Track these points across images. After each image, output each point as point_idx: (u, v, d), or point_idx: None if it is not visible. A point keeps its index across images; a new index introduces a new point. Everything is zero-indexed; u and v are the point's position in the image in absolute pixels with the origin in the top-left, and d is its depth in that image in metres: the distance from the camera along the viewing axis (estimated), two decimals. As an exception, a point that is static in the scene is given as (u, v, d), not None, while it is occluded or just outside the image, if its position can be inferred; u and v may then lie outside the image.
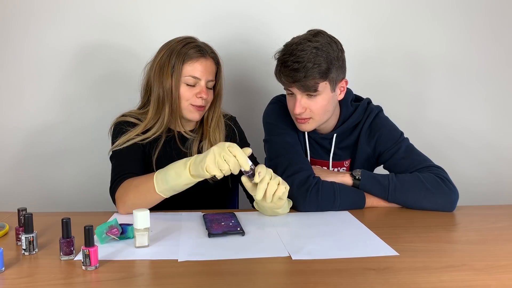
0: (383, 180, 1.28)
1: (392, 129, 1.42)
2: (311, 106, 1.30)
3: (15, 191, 1.96)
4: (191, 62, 1.34)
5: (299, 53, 1.24)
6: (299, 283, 0.82)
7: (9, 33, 1.87)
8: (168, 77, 1.34)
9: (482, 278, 0.84)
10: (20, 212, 1.03)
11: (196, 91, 1.35)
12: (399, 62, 2.01)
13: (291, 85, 1.29)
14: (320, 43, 1.26)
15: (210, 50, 1.39)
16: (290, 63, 1.25)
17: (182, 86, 1.35)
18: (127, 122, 1.39)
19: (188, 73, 1.34)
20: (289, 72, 1.25)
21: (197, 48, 1.35)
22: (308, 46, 1.25)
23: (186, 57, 1.34)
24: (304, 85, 1.26)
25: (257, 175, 1.07)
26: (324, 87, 1.28)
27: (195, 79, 1.35)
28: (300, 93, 1.29)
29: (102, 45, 1.89)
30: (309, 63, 1.23)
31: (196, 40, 1.40)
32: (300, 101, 1.29)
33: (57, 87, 1.91)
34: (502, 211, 1.33)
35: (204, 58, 1.36)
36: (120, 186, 1.23)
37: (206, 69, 1.35)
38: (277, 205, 1.14)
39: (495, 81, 2.05)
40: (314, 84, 1.26)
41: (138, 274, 0.86)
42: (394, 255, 0.94)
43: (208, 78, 1.36)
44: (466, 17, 2.00)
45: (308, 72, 1.23)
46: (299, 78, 1.24)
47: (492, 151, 2.09)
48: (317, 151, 1.46)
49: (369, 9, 1.96)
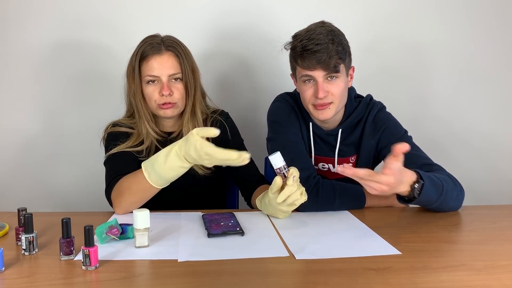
0: (439, 185, 1.16)
1: (397, 125, 1.43)
2: (332, 89, 1.31)
3: (15, 191, 1.96)
4: (145, 61, 1.32)
5: (317, 36, 1.27)
6: (299, 283, 0.82)
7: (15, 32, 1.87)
8: (132, 81, 1.34)
9: (482, 278, 0.84)
10: (20, 212, 1.03)
11: (159, 89, 1.33)
12: (401, 58, 2.01)
13: (315, 67, 1.29)
14: (331, 28, 1.31)
15: (167, 43, 1.34)
16: (311, 46, 1.26)
17: (146, 87, 1.34)
18: (120, 133, 1.37)
19: (146, 73, 1.32)
20: (312, 55, 1.26)
21: (151, 45, 1.32)
22: (323, 30, 1.28)
23: (141, 57, 1.32)
24: (328, 65, 1.27)
25: (291, 178, 1.09)
26: (342, 69, 1.31)
27: (155, 77, 1.32)
28: (322, 77, 1.29)
29: (101, 45, 1.90)
30: (330, 44, 1.26)
31: (154, 37, 1.36)
32: (322, 84, 1.30)
33: (54, 88, 1.92)
34: (502, 211, 1.33)
35: (158, 54, 1.32)
36: (113, 189, 1.23)
37: (163, 65, 1.32)
38: (287, 210, 1.15)
39: (499, 78, 2.04)
40: (336, 64, 1.28)
41: (138, 274, 0.86)
42: (395, 254, 0.94)
43: (169, 73, 1.32)
44: (470, 13, 1.99)
45: (330, 52, 1.26)
46: (323, 58, 1.26)
47: (494, 148, 2.08)
48: (322, 148, 1.46)
49: (372, 4, 1.96)
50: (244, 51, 1.95)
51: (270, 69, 1.95)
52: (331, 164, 1.47)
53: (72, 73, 1.91)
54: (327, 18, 1.36)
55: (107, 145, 1.37)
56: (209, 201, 1.46)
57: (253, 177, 1.41)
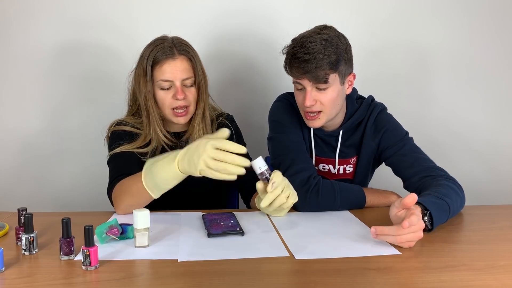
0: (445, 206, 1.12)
1: (398, 127, 1.43)
2: (321, 98, 1.30)
3: (15, 191, 1.96)
4: (159, 66, 1.31)
5: (309, 44, 1.25)
6: (299, 283, 0.82)
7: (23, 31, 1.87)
8: (144, 85, 1.33)
9: (482, 278, 0.84)
10: (20, 212, 1.03)
11: (173, 94, 1.32)
12: (402, 60, 2.01)
13: (301, 77, 1.28)
14: (329, 35, 1.27)
15: (180, 47, 1.34)
16: (300, 55, 1.25)
17: (158, 91, 1.33)
18: (124, 132, 1.37)
19: (159, 78, 1.31)
20: (299, 64, 1.25)
21: (163, 49, 1.31)
22: (317, 38, 1.25)
23: (154, 61, 1.31)
24: (315, 76, 1.26)
25: (271, 185, 1.08)
26: (334, 79, 1.28)
27: (168, 82, 1.32)
28: (311, 86, 1.29)
29: (103, 45, 1.90)
30: (319, 54, 1.23)
31: (164, 40, 1.35)
32: (311, 93, 1.29)
33: (56, 88, 1.92)
34: (502, 211, 1.33)
35: (172, 58, 1.31)
36: (114, 188, 1.23)
37: (177, 69, 1.31)
38: (277, 214, 1.16)
39: (498, 79, 2.04)
40: (324, 75, 1.26)
41: (138, 274, 0.86)
42: (395, 254, 0.94)
43: (182, 77, 1.32)
44: (470, 14, 1.99)
45: (319, 63, 1.24)
46: (310, 69, 1.24)
47: (494, 149, 2.08)
48: (323, 149, 1.46)
49: (372, 7, 1.96)
50: (245, 52, 1.95)
51: (271, 70, 1.95)
52: (332, 165, 1.47)
53: (74, 73, 1.91)
54: (329, 20, 1.36)
55: (111, 144, 1.37)
56: (209, 201, 1.46)
57: (253, 179, 1.41)
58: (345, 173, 1.48)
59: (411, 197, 0.99)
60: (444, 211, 1.10)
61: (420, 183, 1.27)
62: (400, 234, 0.96)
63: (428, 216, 1.06)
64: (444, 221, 1.11)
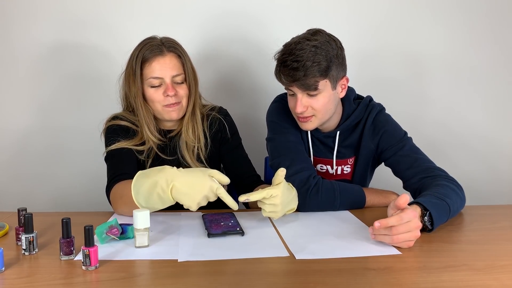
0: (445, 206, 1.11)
1: (397, 127, 1.42)
2: (313, 104, 1.30)
3: (15, 191, 1.96)
4: (148, 63, 1.31)
5: (298, 52, 1.24)
6: (299, 283, 0.82)
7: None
8: (133, 84, 1.33)
9: (482, 278, 0.84)
10: (20, 212, 1.03)
11: (163, 91, 1.32)
12: (398, 61, 2.01)
13: (291, 84, 1.28)
14: (319, 41, 1.26)
15: (168, 44, 1.34)
16: (289, 63, 1.25)
17: (148, 89, 1.33)
18: (120, 127, 1.37)
19: (149, 75, 1.31)
20: (288, 72, 1.25)
21: (151, 47, 1.32)
22: (307, 45, 1.24)
23: (142, 60, 1.31)
24: (304, 84, 1.26)
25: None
26: (325, 85, 1.28)
27: (158, 79, 1.32)
28: (301, 92, 1.29)
29: (99, 46, 1.90)
30: (308, 62, 1.23)
31: (153, 39, 1.36)
32: (301, 100, 1.29)
33: (52, 88, 1.92)
34: (502, 211, 1.33)
35: (161, 55, 1.32)
36: (112, 190, 1.23)
37: (166, 66, 1.32)
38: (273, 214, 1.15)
39: (495, 79, 2.05)
40: (314, 82, 1.25)
41: (138, 274, 0.86)
42: (395, 254, 0.94)
43: (172, 73, 1.32)
44: (465, 16, 2.00)
45: (307, 71, 1.23)
46: (298, 77, 1.24)
47: (493, 149, 2.08)
48: (320, 150, 1.46)
49: (368, 9, 1.96)
50: (242, 52, 1.95)
51: (269, 70, 1.94)
52: (329, 166, 1.47)
53: (70, 73, 1.91)
54: (325, 22, 1.35)
55: (107, 139, 1.37)
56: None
57: (250, 177, 1.41)
58: (343, 174, 1.48)
59: (403, 198, 0.99)
60: (444, 211, 1.10)
61: (420, 183, 1.27)
62: (395, 234, 0.96)
63: (428, 216, 1.06)
64: (444, 221, 1.11)
